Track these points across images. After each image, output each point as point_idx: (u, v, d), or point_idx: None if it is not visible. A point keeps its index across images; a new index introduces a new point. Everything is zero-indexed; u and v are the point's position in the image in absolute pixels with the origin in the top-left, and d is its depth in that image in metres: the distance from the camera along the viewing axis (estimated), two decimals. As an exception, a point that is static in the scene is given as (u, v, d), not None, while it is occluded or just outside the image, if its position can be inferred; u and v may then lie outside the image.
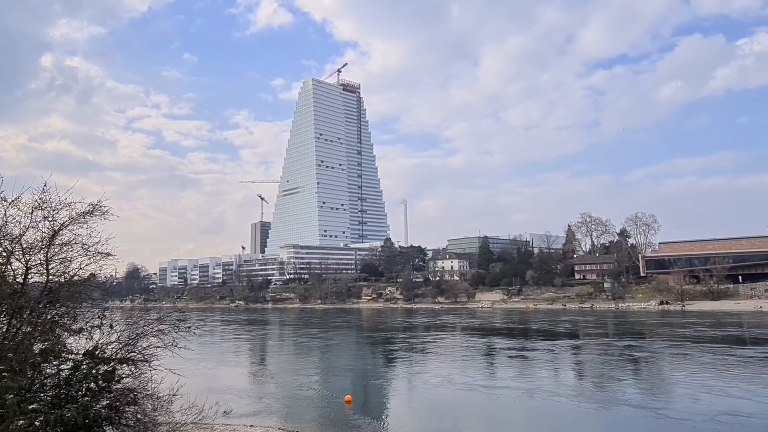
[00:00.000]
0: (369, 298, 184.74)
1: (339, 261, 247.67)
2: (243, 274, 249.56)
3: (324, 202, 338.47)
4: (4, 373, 7.58)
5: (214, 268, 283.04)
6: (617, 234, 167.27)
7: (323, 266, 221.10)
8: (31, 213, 9.41)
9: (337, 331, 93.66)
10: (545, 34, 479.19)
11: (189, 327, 10.79)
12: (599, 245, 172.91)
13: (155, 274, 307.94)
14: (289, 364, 55.85)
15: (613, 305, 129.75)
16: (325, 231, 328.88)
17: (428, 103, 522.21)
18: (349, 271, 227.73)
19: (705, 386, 37.39)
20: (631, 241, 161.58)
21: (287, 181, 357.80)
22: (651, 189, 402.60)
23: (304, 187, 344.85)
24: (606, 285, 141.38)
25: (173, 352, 10.04)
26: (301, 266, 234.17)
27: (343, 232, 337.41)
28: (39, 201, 9.52)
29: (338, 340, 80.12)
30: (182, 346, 10.19)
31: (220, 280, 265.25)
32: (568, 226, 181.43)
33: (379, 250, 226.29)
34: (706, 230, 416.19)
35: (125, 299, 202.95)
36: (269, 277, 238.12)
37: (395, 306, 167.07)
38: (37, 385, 8.16)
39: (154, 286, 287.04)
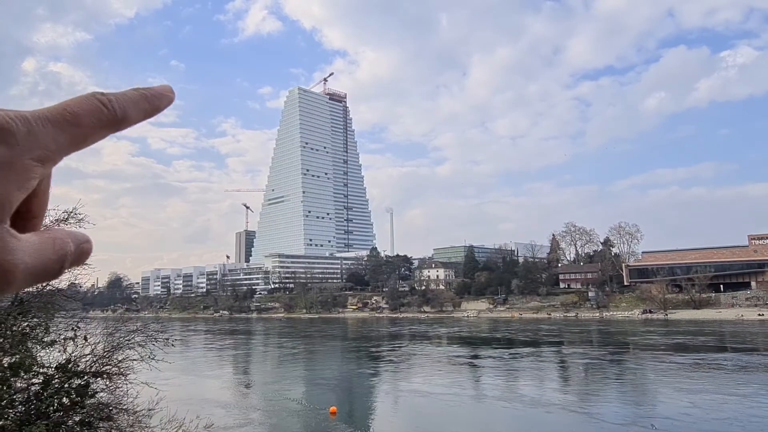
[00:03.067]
0: (354, 307, 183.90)
1: (324, 270, 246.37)
2: (227, 283, 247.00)
3: (309, 211, 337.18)
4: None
5: (198, 278, 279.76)
6: (601, 243, 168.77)
7: (309, 275, 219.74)
8: None
9: (321, 341, 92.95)
10: (533, 46, 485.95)
11: (167, 338, 10.41)
12: (583, 254, 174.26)
13: (137, 283, 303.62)
14: (272, 375, 55.20)
15: (597, 314, 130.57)
16: (310, 240, 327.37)
17: (417, 113, 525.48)
18: (335, 281, 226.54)
19: (660, 395, 38.00)
20: (614, 250, 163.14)
21: (272, 190, 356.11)
22: (635, 199, 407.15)
23: (289, 195, 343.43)
24: (590, 294, 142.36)
25: (151, 366, 9.67)
26: (287, 275, 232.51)
27: (329, 241, 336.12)
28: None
29: (323, 350, 79.50)
30: (160, 358, 9.82)
31: (204, 290, 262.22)
32: (553, 235, 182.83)
33: (365, 259, 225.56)
34: (689, 240, 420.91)
35: (107, 309, 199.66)
36: (254, 287, 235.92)
37: (381, 315, 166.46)
38: (6, 401, 7.77)
39: (137, 296, 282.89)
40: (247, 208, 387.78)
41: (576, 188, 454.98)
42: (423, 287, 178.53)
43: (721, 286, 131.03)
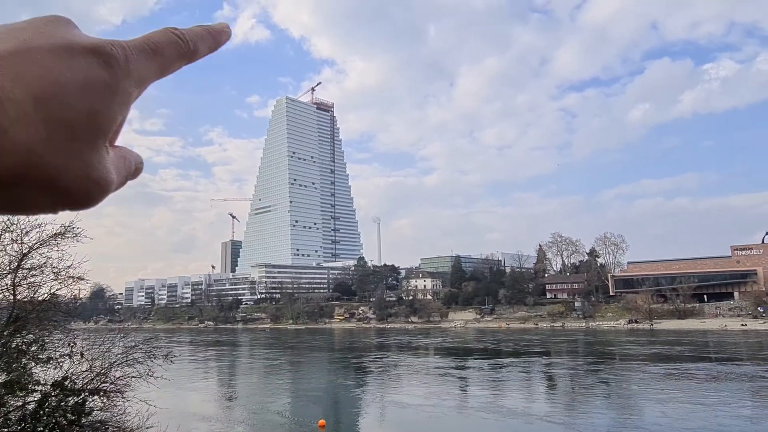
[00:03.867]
0: (341, 317, 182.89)
1: (311, 280, 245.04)
2: (213, 293, 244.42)
3: (296, 221, 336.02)
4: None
5: (182, 288, 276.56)
6: (587, 254, 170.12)
7: (295, 286, 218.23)
8: (1, 234, 8.79)
9: (308, 353, 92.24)
10: (520, 57, 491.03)
11: (166, 355, 10.22)
12: (570, 265, 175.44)
13: (121, 294, 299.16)
14: (260, 388, 54.61)
15: (583, 324, 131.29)
16: (297, 250, 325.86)
17: (405, 122, 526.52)
18: (322, 291, 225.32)
19: (638, 405, 38.43)
20: (600, 260, 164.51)
21: (259, 200, 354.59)
22: (620, 209, 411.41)
23: (276, 205, 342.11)
24: (576, 304, 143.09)
25: (148, 382, 9.49)
26: (273, 286, 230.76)
27: (316, 251, 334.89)
28: (7, 222, 8.91)
29: (309, 362, 78.88)
30: (158, 375, 9.64)
31: (189, 300, 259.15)
32: (539, 245, 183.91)
33: (352, 269, 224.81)
34: (673, 250, 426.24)
35: (89, 320, 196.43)
36: (240, 297, 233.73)
37: (368, 326, 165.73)
38: (1, 420, 7.55)
39: (120, 307, 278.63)
40: (234, 217, 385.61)
41: (563, 198, 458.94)
42: (410, 297, 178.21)
43: (705, 296, 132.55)
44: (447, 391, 47.18)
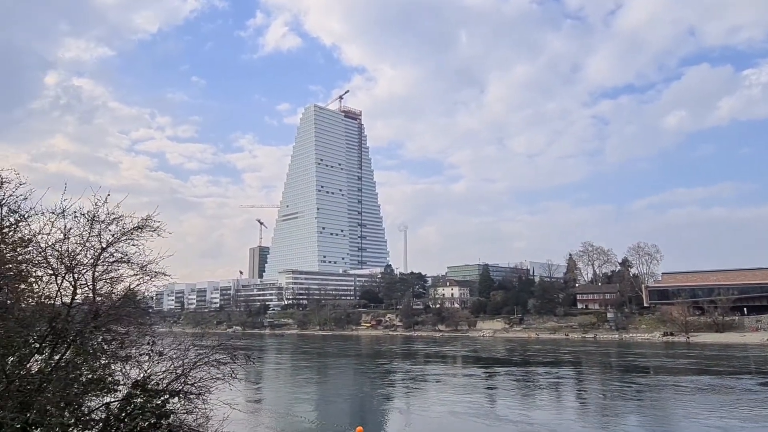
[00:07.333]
0: (368, 324, 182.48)
1: (338, 287, 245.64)
2: (241, 299, 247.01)
3: (323, 228, 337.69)
4: (48, 408, 6.71)
5: (211, 293, 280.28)
6: (619, 264, 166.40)
7: (322, 292, 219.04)
8: (90, 226, 8.55)
9: (336, 359, 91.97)
10: (551, 63, 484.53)
11: (249, 356, 9.88)
12: (601, 275, 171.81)
13: (151, 297, 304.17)
14: (290, 394, 54.34)
15: (616, 336, 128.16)
16: (324, 256, 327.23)
17: (433, 130, 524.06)
18: (348, 298, 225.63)
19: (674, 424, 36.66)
20: (633, 271, 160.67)
21: (287, 206, 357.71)
22: (653, 218, 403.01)
23: (303, 212, 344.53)
24: (609, 315, 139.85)
25: (231, 385, 9.11)
26: (300, 292, 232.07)
27: (343, 258, 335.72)
28: (89, 216, 8.66)
29: (339, 369, 78.57)
30: (241, 377, 9.27)
31: (218, 305, 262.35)
32: (570, 255, 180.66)
33: (379, 276, 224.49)
34: (709, 261, 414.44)
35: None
36: (267, 303, 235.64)
37: (395, 333, 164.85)
38: (83, 420, 7.29)
39: (150, 309, 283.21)
40: (261, 223, 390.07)
41: (592, 207, 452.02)
42: (438, 305, 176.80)
43: (745, 308, 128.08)
44: (477, 400, 46.42)
